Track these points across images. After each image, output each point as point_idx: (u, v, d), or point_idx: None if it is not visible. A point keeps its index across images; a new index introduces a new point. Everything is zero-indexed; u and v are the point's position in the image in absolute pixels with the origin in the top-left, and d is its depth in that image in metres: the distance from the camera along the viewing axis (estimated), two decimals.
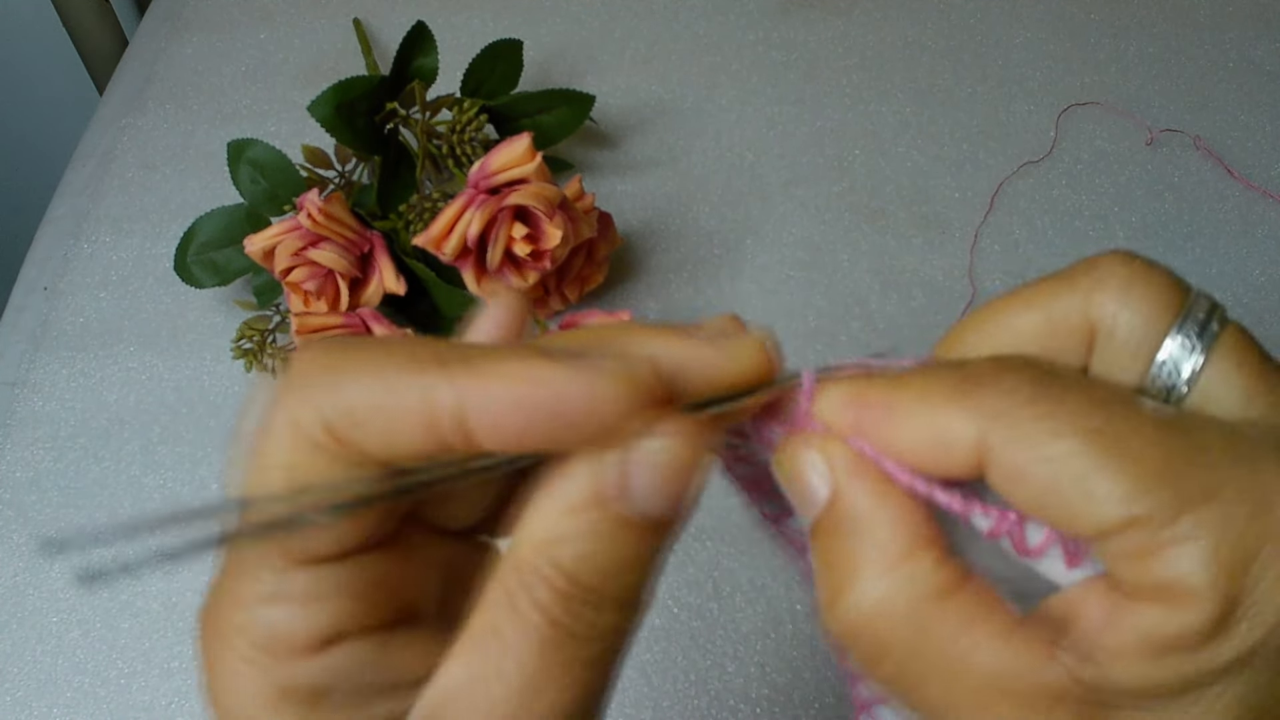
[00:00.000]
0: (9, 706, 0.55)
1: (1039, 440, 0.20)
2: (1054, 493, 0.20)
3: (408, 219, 0.64)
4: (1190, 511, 0.19)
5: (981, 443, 0.21)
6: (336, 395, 0.20)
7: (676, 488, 0.22)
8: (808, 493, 0.23)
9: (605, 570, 0.21)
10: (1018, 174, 0.74)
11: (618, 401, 0.20)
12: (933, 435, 0.21)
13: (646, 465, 0.21)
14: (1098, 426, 0.20)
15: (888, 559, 0.21)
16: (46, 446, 0.64)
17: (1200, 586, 0.19)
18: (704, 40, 0.84)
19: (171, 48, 0.86)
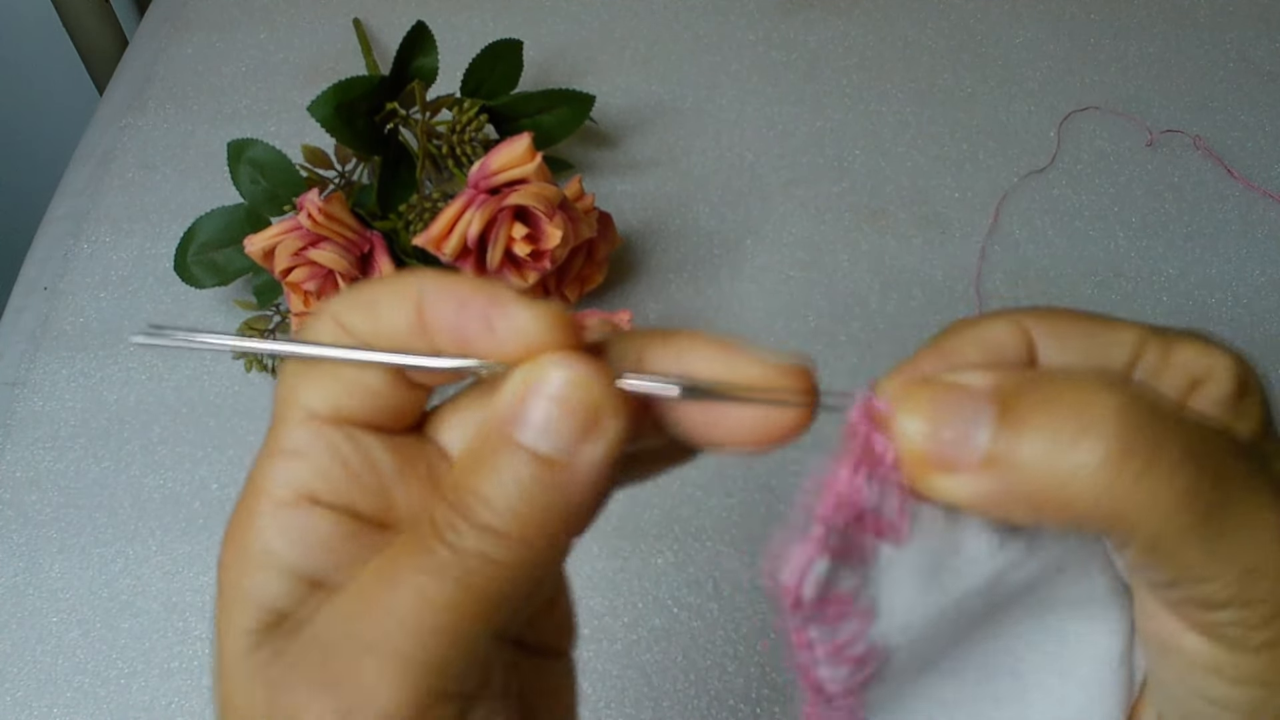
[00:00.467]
0: (9, 706, 0.55)
1: (1066, 315, 0.25)
2: (1093, 344, 0.24)
3: (408, 219, 0.64)
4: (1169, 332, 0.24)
5: (1025, 331, 0.24)
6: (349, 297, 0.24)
7: (571, 425, 0.22)
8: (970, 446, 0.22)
9: (479, 489, 0.22)
10: (1021, 182, 0.74)
11: (531, 321, 0.22)
12: (987, 344, 0.24)
13: (543, 394, 0.22)
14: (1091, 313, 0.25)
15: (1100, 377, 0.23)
16: (46, 446, 0.64)
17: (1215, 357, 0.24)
18: (704, 40, 0.84)
19: (171, 48, 0.86)
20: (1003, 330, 0.24)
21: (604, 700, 0.54)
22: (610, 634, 0.56)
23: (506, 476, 0.22)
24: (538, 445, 0.22)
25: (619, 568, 0.58)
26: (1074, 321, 0.25)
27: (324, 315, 0.24)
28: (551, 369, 0.22)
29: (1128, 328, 0.24)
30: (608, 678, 0.55)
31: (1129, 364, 0.24)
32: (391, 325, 0.24)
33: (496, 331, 0.23)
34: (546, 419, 0.22)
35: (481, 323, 0.23)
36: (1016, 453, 0.21)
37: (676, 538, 0.59)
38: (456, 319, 0.23)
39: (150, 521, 0.61)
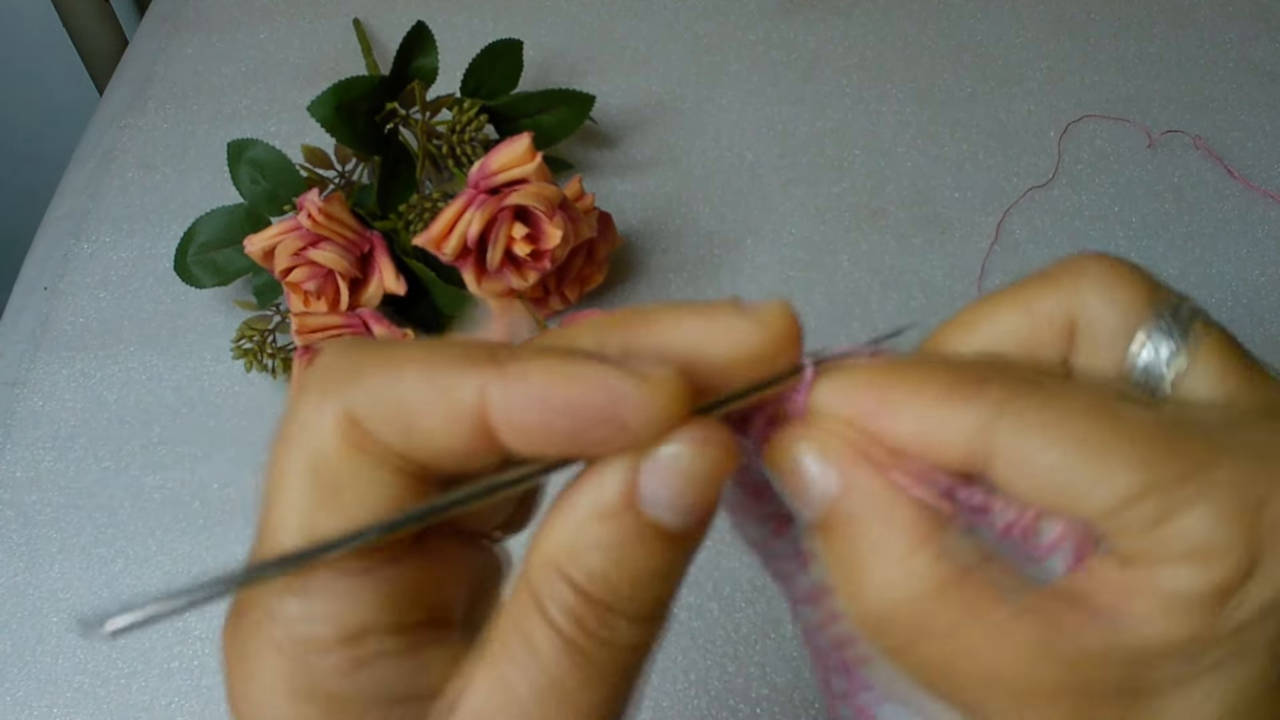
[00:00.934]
0: (9, 706, 0.55)
1: (1045, 426, 0.20)
2: (1064, 474, 0.20)
3: (408, 219, 0.64)
4: (1199, 474, 0.20)
5: (982, 435, 0.21)
6: (360, 388, 0.20)
7: (698, 496, 0.21)
8: (809, 486, 0.22)
9: (627, 581, 0.20)
10: (1024, 196, 0.74)
11: (652, 405, 0.20)
12: (929, 429, 0.21)
13: (668, 472, 0.20)
14: (1099, 411, 0.20)
15: (913, 538, 0.21)
16: (46, 446, 0.64)
17: (1221, 540, 0.20)
18: (704, 40, 0.84)
19: (171, 48, 0.86)
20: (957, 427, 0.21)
21: None
22: None
23: (640, 558, 0.21)
24: (675, 526, 0.21)
25: None
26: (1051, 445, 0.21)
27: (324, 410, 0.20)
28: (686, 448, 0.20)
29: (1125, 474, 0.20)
30: None
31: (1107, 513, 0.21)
32: (437, 440, 0.20)
33: (631, 430, 0.20)
34: (681, 499, 0.21)
35: (606, 426, 0.20)
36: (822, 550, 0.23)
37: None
38: (561, 431, 0.20)
39: (150, 521, 0.61)
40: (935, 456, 0.22)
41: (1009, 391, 0.21)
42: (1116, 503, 0.20)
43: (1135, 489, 0.20)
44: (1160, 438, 0.20)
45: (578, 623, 0.20)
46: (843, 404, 0.22)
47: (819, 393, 0.23)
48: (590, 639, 0.20)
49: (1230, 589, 0.20)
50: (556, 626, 0.20)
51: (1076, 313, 0.23)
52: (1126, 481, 0.20)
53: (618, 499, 0.20)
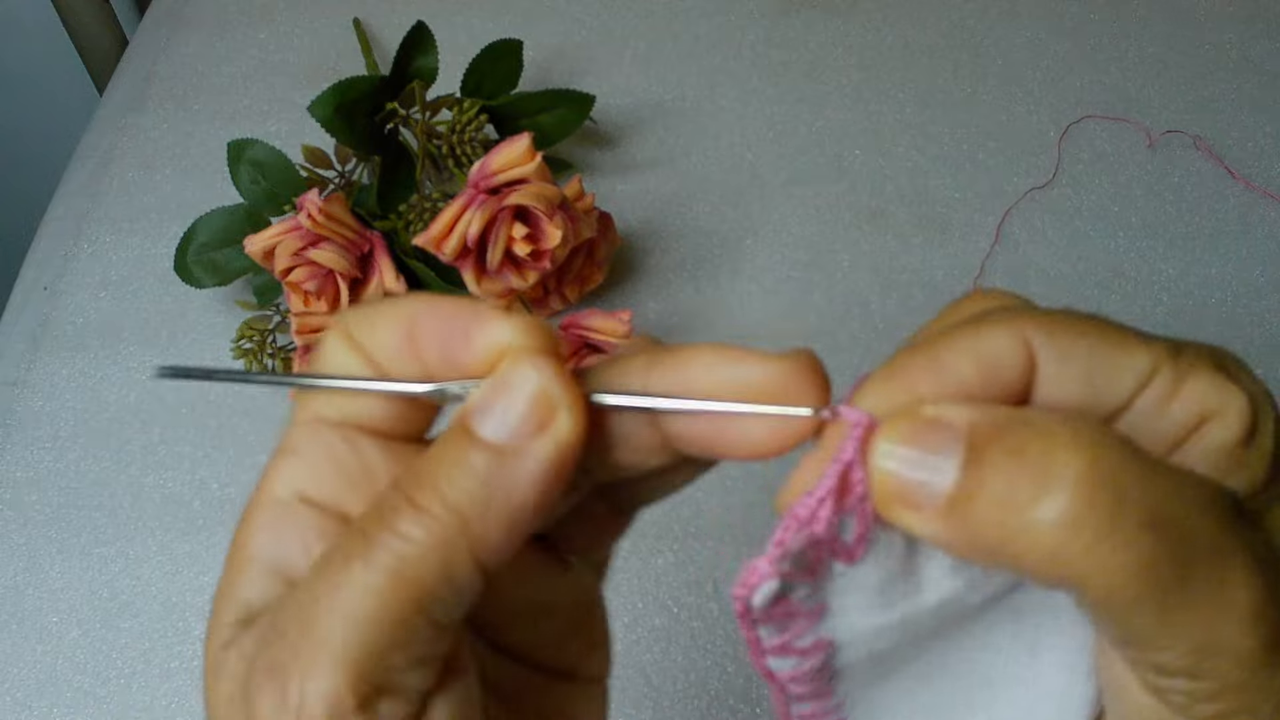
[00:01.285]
0: (9, 706, 0.55)
1: (1075, 328, 0.23)
2: (1097, 363, 0.23)
3: (408, 219, 0.64)
4: (1183, 352, 0.23)
5: (1027, 345, 0.23)
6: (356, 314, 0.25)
7: (524, 416, 0.22)
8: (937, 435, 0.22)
9: (436, 478, 0.22)
10: (1023, 197, 0.74)
11: (507, 331, 0.23)
12: (983, 358, 0.23)
13: (503, 388, 0.23)
14: (1099, 317, 0.24)
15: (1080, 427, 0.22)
16: (46, 446, 0.64)
17: (1227, 394, 0.23)
18: (704, 40, 0.84)
19: (171, 48, 0.86)
20: (1003, 343, 0.23)
21: None
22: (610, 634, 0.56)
23: (456, 463, 0.22)
24: (492, 435, 0.22)
25: (619, 568, 0.58)
26: (1081, 336, 0.23)
27: (338, 324, 0.25)
28: (516, 368, 0.23)
29: (1141, 349, 0.23)
30: None
31: (1134, 391, 0.23)
32: (385, 341, 0.24)
33: (474, 345, 0.23)
34: (504, 412, 0.22)
35: (462, 338, 0.23)
36: (975, 500, 0.21)
37: (676, 538, 0.59)
38: (442, 336, 0.24)
39: (150, 521, 0.61)
40: (997, 377, 0.23)
41: (1032, 312, 0.23)
42: (1140, 379, 0.22)
43: (1149, 365, 0.23)
44: (1144, 332, 0.23)
45: (378, 508, 0.22)
46: (898, 383, 0.23)
47: (873, 389, 0.23)
48: (381, 528, 0.22)
49: (1251, 430, 0.23)
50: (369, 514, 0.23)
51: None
52: (1142, 361, 0.23)
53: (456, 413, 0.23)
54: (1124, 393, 0.23)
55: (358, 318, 0.25)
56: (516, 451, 0.22)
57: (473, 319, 0.23)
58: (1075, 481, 0.20)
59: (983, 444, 0.21)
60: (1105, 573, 0.20)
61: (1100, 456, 0.20)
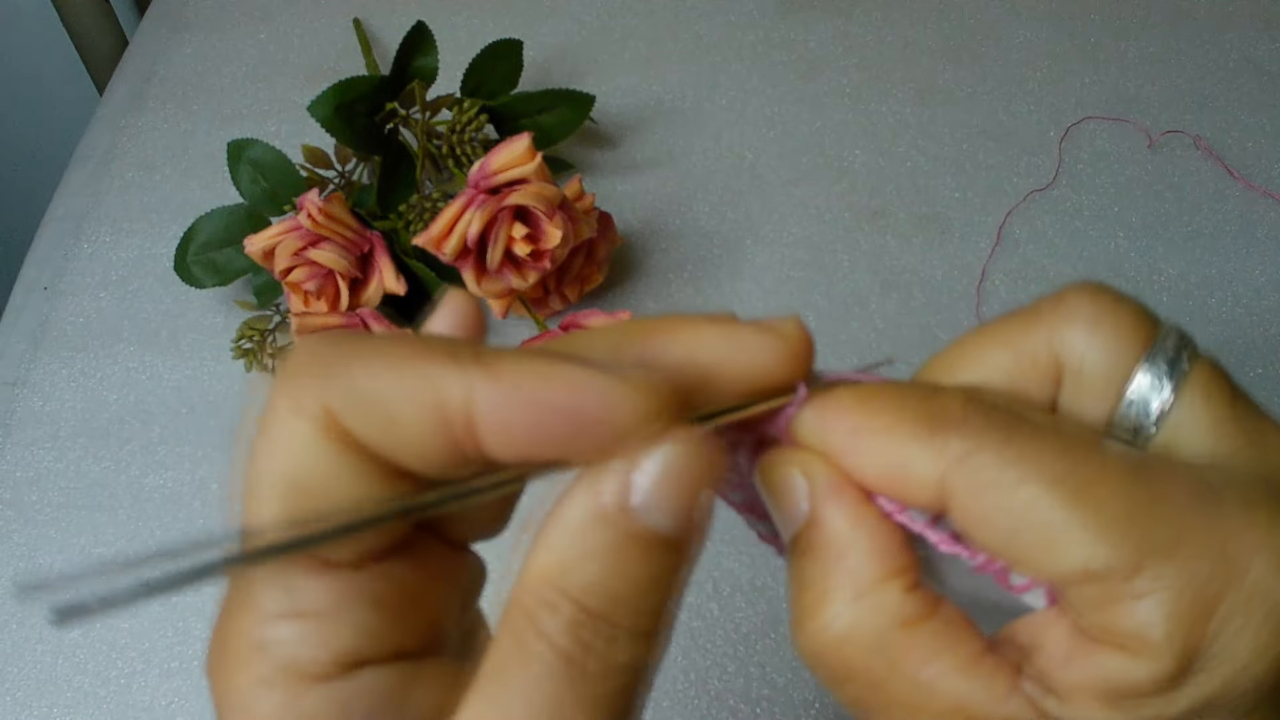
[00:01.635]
0: (9, 706, 0.55)
1: (1001, 488, 0.20)
2: (1015, 540, 0.20)
3: (408, 219, 0.64)
4: (1151, 564, 0.19)
5: (944, 483, 0.21)
6: (341, 381, 0.19)
7: (686, 500, 0.20)
8: (788, 509, 0.23)
9: (616, 595, 0.20)
10: (1024, 200, 0.74)
11: (635, 409, 0.19)
12: (896, 467, 0.21)
13: (660, 475, 0.19)
14: (1061, 475, 0.20)
15: (858, 585, 0.21)
16: (46, 446, 0.64)
17: (1159, 640, 0.19)
18: (704, 40, 0.83)
19: (171, 48, 0.86)
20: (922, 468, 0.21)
21: None
22: None
23: (638, 565, 0.20)
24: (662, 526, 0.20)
25: None
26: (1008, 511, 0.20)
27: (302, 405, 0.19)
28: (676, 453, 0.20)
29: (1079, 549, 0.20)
30: None
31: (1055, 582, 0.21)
32: (416, 438, 0.19)
33: (594, 428, 0.19)
34: (672, 505, 0.20)
35: (573, 425, 0.19)
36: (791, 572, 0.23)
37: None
38: (529, 423, 0.19)
39: (150, 521, 0.61)
40: (902, 495, 0.22)
41: (972, 442, 0.21)
42: (1067, 578, 0.20)
43: (1084, 569, 0.20)
44: (1121, 511, 0.20)
45: (575, 638, 0.19)
46: (818, 433, 0.22)
47: (801, 418, 0.23)
48: (588, 655, 0.19)
49: (1161, 687, 0.19)
50: (553, 643, 0.19)
51: (1063, 353, 0.23)
52: (1077, 561, 0.20)
53: (611, 505, 0.19)
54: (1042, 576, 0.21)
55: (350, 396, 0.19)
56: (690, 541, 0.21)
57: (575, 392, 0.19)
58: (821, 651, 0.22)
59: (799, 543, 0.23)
60: None
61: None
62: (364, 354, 0.19)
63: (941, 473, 0.21)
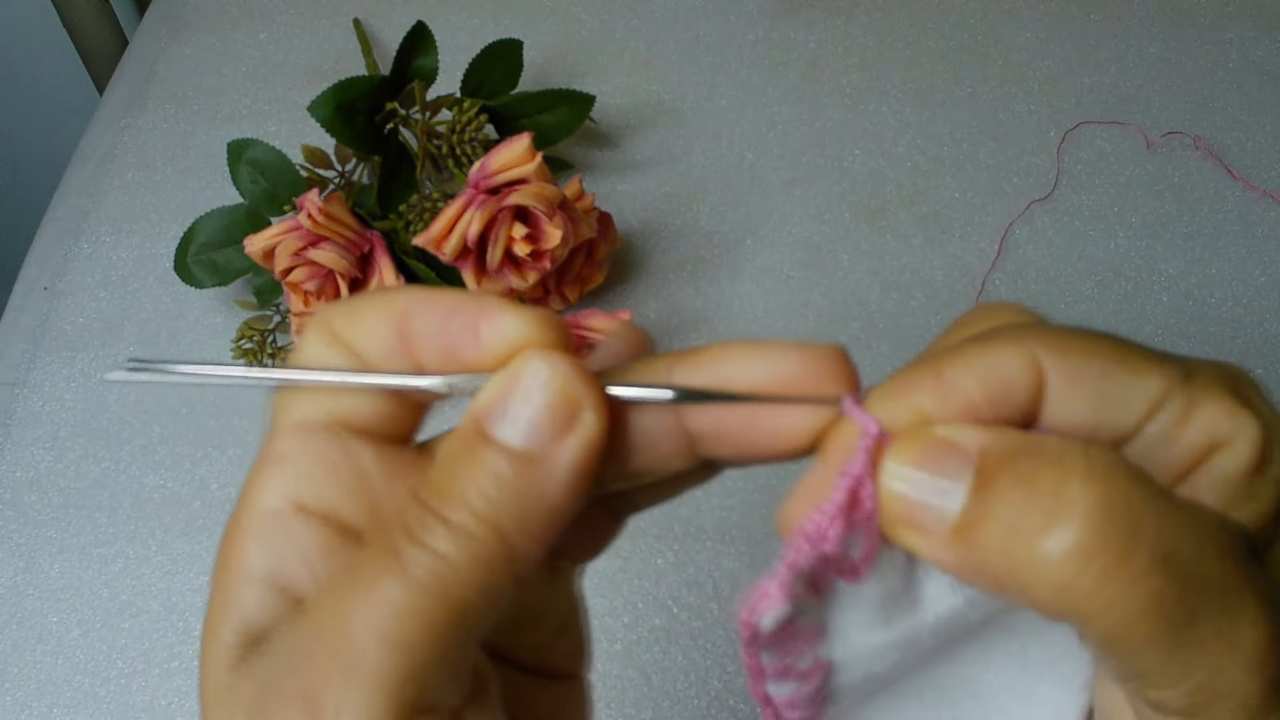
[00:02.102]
0: (9, 706, 0.55)
1: (1086, 348, 0.22)
2: (1108, 385, 0.22)
3: (408, 219, 0.64)
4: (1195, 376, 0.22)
5: (1036, 365, 0.22)
6: (338, 310, 0.24)
7: (549, 420, 0.22)
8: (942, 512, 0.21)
9: (440, 486, 0.22)
10: (1025, 211, 0.74)
11: (518, 326, 0.22)
12: (991, 377, 0.22)
13: (520, 390, 0.22)
14: (1111, 337, 0.22)
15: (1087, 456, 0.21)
16: (46, 446, 0.64)
17: (1239, 421, 0.21)
18: (704, 40, 0.84)
19: (171, 48, 0.86)
20: (1011, 362, 0.22)
21: (604, 700, 0.54)
22: (610, 634, 0.56)
23: (481, 473, 0.21)
24: (514, 440, 0.21)
25: (619, 568, 0.58)
26: (1092, 357, 0.22)
27: (318, 321, 0.24)
28: (530, 365, 0.22)
29: (1153, 372, 0.22)
30: (608, 678, 0.55)
31: (1144, 416, 0.22)
32: (373, 336, 0.23)
33: (483, 340, 0.22)
34: (524, 414, 0.22)
35: (468, 333, 0.22)
36: (983, 527, 0.20)
37: (676, 538, 0.59)
38: (442, 331, 0.23)
39: (150, 521, 0.61)
40: (1011, 406, 0.22)
41: (1042, 330, 0.22)
42: (1151, 404, 0.22)
43: (1161, 391, 0.22)
44: (1157, 353, 0.22)
45: (402, 524, 0.21)
46: (903, 399, 0.22)
47: (877, 405, 0.22)
48: (410, 543, 0.21)
49: (1264, 458, 0.21)
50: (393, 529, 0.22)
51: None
52: (1153, 386, 0.22)
53: (469, 416, 0.22)
54: (1133, 418, 0.22)
55: (341, 313, 0.24)
56: (543, 457, 0.22)
57: (478, 313, 0.22)
58: (1086, 514, 0.19)
59: (993, 469, 0.21)
60: (1113, 610, 0.19)
61: (1114, 488, 0.20)
62: (360, 297, 0.24)
63: (1033, 359, 0.22)
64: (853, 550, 0.22)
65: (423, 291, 0.23)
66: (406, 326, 0.23)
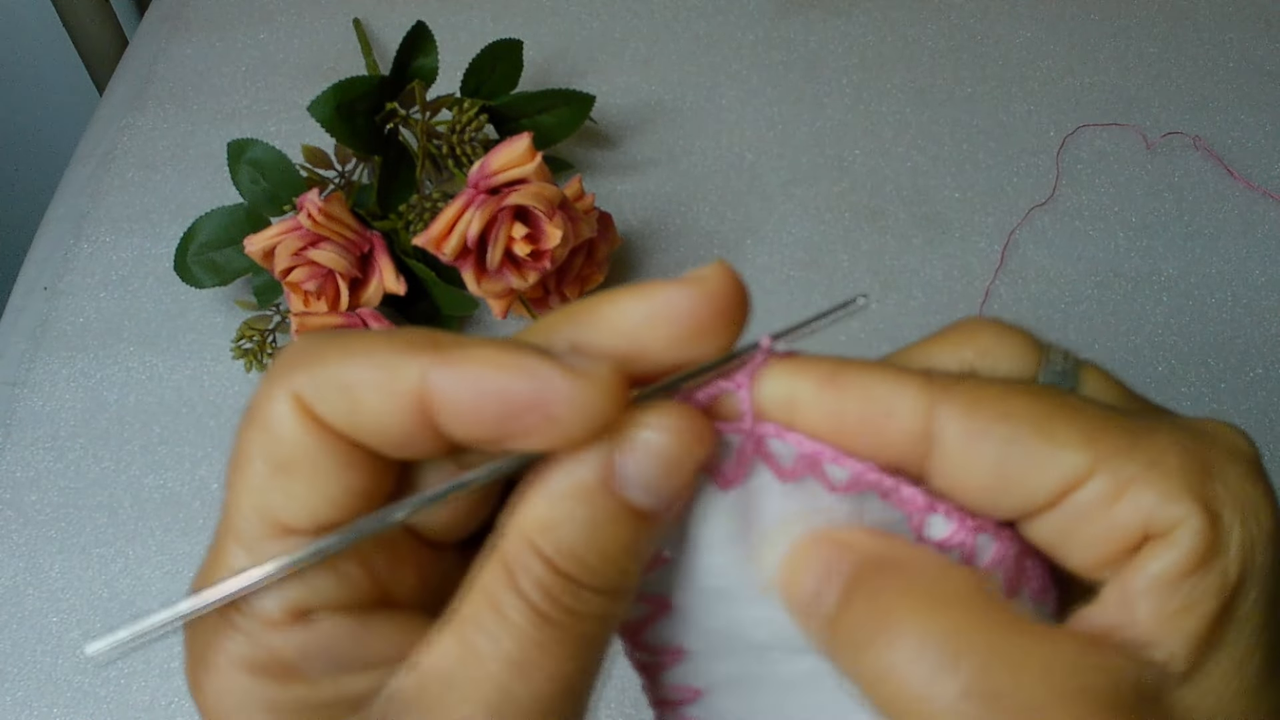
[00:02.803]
0: (9, 706, 0.55)
1: (988, 406, 0.21)
2: (1014, 453, 0.21)
3: (408, 219, 0.64)
4: (1142, 447, 0.20)
5: (930, 415, 0.21)
6: (311, 370, 0.21)
7: (671, 478, 0.22)
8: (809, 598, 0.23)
9: (598, 556, 0.22)
10: (1026, 218, 0.74)
11: (573, 395, 0.21)
12: (877, 407, 0.21)
13: (643, 455, 0.21)
14: (1037, 397, 0.21)
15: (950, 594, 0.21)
16: (46, 446, 0.64)
17: (1180, 509, 0.20)
18: (704, 40, 0.83)
19: (171, 48, 0.85)
20: (903, 405, 0.21)
21: (604, 700, 0.54)
22: None
23: (612, 536, 0.22)
24: (642, 502, 0.22)
25: None
26: (1002, 420, 0.21)
27: (279, 391, 0.21)
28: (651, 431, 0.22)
29: (1075, 445, 0.20)
30: (607, 678, 0.54)
31: (1056, 493, 0.21)
32: (381, 421, 0.21)
33: (559, 421, 0.21)
34: (651, 479, 0.22)
35: (534, 415, 0.20)
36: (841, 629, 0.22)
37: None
38: (489, 408, 0.20)
39: (150, 521, 0.61)
40: (881, 438, 0.22)
41: (952, 379, 0.22)
42: (1067, 481, 0.20)
43: (1084, 466, 0.20)
44: (1097, 417, 0.21)
45: (547, 594, 0.21)
46: (790, 383, 0.23)
47: (767, 376, 0.23)
48: (559, 610, 0.21)
49: (1209, 548, 0.20)
50: (527, 597, 0.21)
51: (973, 367, 0.24)
52: (1074, 459, 0.20)
53: (594, 479, 0.21)
54: (1042, 492, 0.21)
55: (320, 380, 0.21)
56: (664, 515, 0.22)
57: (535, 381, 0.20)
58: (899, 639, 0.20)
59: (858, 578, 0.22)
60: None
61: (941, 620, 0.20)
62: (336, 346, 0.21)
63: (922, 407, 0.21)
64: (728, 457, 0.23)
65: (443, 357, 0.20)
66: (429, 403, 0.20)
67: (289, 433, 0.21)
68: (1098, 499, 0.20)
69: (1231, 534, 0.20)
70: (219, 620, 0.22)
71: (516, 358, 0.20)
